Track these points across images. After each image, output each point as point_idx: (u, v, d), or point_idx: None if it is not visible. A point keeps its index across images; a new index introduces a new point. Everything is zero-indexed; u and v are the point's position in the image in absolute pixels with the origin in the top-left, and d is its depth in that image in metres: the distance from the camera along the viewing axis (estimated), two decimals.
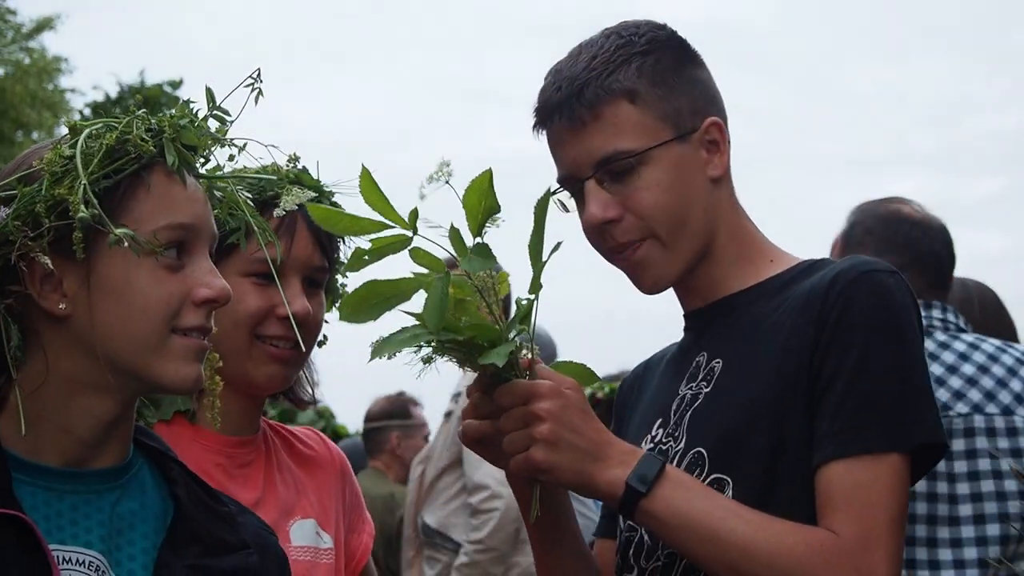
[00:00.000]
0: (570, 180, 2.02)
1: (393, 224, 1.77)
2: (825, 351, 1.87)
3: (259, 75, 1.69)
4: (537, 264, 1.83)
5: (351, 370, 2.21)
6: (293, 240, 2.19)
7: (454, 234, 1.79)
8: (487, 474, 4.69)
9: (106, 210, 1.60)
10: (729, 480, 1.91)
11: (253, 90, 1.70)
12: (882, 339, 1.87)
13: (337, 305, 1.79)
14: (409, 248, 1.78)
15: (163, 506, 1.73)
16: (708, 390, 2.00)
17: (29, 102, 20.49)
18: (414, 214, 1.76)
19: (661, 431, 2.05)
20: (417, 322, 1.78)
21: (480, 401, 1.90)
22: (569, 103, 1.99)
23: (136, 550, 1.68)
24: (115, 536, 1.66)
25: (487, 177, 1.79)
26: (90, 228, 1.59)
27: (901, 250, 3.05)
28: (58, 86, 22.12)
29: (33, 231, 1.59)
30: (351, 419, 9.60)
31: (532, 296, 1.84)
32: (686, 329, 2.13)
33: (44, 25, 21.65)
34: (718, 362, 2.00)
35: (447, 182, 1.77)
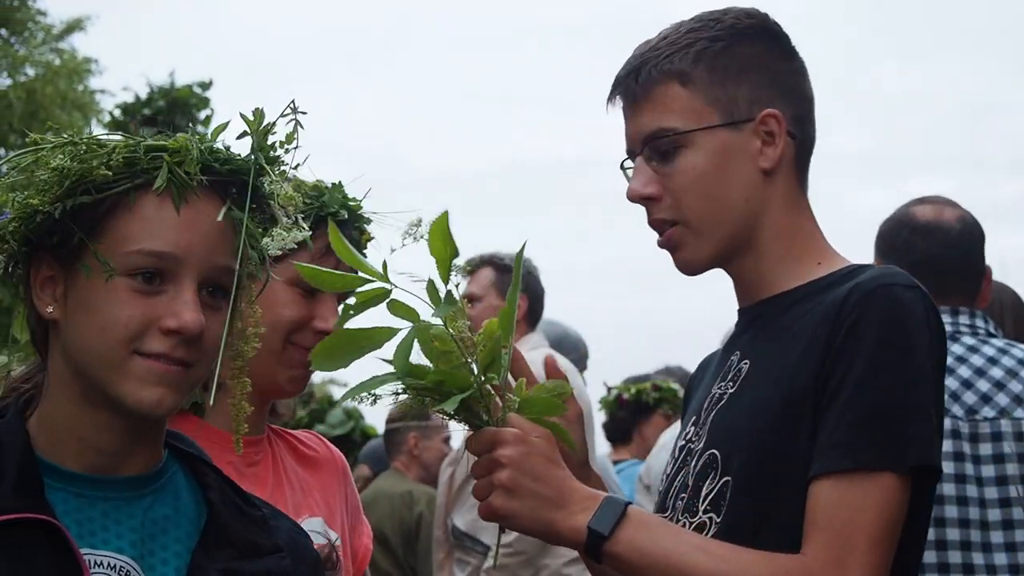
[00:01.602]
0: (629, 155, 2.06)
1: (372, 278, 1.82)
2: (833, 363, 1.86)
3: (296, 107, 1.66)
4: (509, 318, 1.87)
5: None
6: (338, 263, 2.22)
7: (431, 287, 1.83)
8: None
9: (85, 225, 1.60)
10: (731, 482, 1.91)
11: (289, 121, 1.67)
12: (888, 355, 1.84)
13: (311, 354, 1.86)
14: (387, 301, 1.83)
15: (197, 510, 1.74)
16: (733, 391, 2.00)
17: (59, 103, 20.59)
18: (385, 269, 1.81)
19: (692, 429, 2.06)
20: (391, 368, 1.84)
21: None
22: (628, 80, 2.03)
23: (169, 554, 1.68)
24: (147, 541, 1.67)
25: (444, 221, 1.82)
26: (74, 241, 1.60)
27: (899, 255, 3.01)
28: (88, 87, 22.22)
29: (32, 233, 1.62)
30: (380, 420, 9.65)
31: (505, 347, 1.86)
32: (735, 325, 2.13)
33: (74, 26, 21.77)
34: (746, 363, 2.00)
35: (422, 237, 1.84)
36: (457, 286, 1.84)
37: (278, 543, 1.76)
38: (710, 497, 1.94)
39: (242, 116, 1.67)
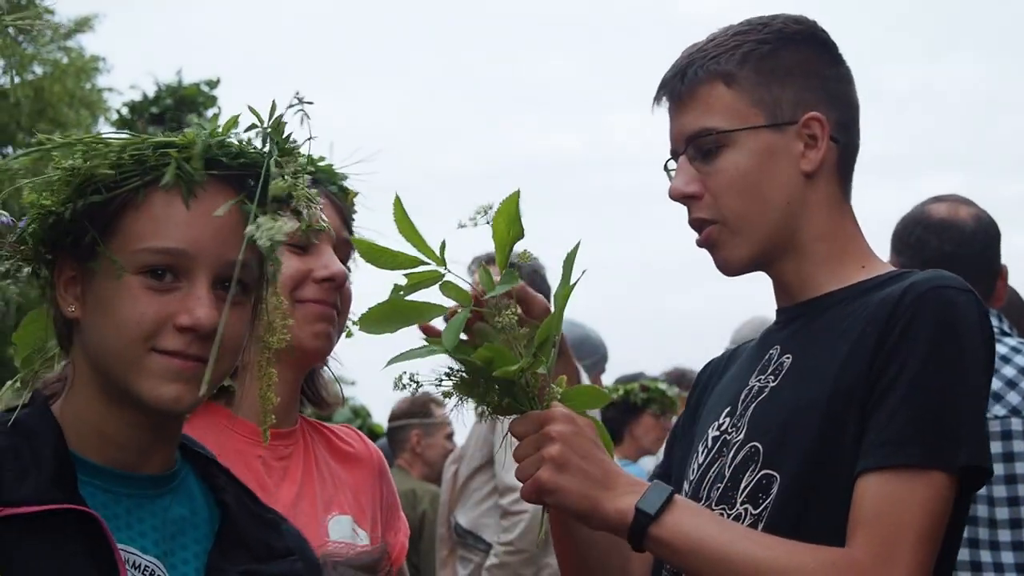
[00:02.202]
0: (673, 155, 2.07)
1: (427, 259, 1.84)
2: (884, 363, 1.85)
3: (302, 98, 1.65)
4: (559, 313, 1.88)
5: (389, 371, 2.25)
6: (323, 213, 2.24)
7: (483, 274, 1.86)
8: None
9: (98, 225, 1.61)
10: (777, 476, 1.91)
11: (297, 111, 1.65)
12: (941, 357, 1.84)
13: (359, 317, 1.86)
14: (440, 283, 1.86)
15: (210, 512, 1.74)
16: (774, 384, 2.00)
17: (67, 101, 20.61)
18: (443, 249, 1.83)
19: (728, 420, 2.06)
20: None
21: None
22: (674, 81, 2.05)
23: (189, 555, 1.69)
24: (169, 541, 1.67)
25: (514, 202, 1.85)
26: (86, 240, 1.61)
27: (913, 252, 3.04)
28: (96, 85, 22.24)
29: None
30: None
31: (556, 335, 1.88)
32: (774, 323, 2.13)
33: (82, 25, 21.78)
34: (788, 357, 2.01)
35: (488, 223, 1.85)
36: (516, 273, 1.87)
37: (289, 546, 1.77)
38: (748, 489, 1.94)
39: (250, 109, 1.66)
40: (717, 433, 2.06)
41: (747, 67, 2.01)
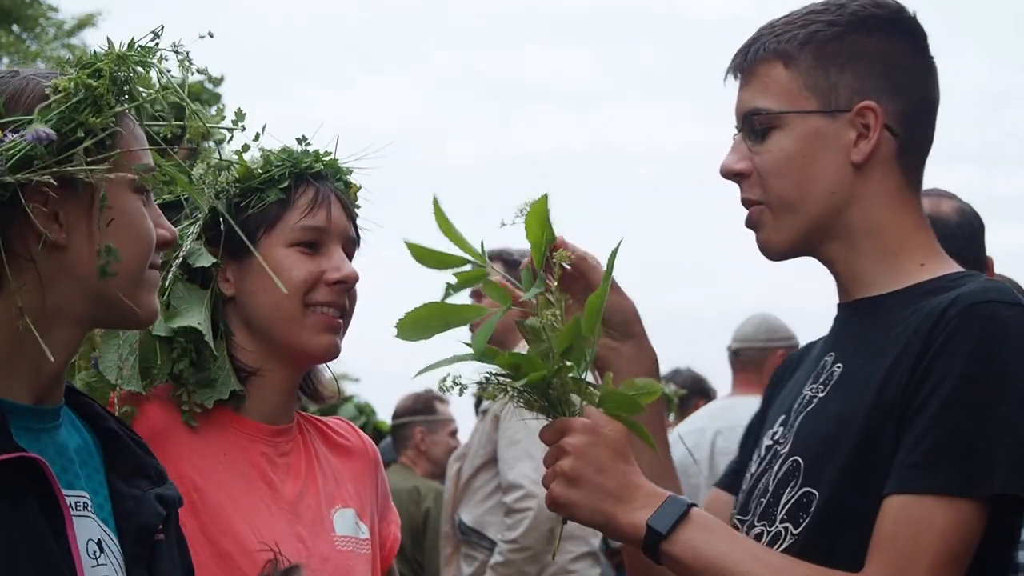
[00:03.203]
0: (737, 130, 2.03)
1: (471, 258, 1.85)
2: (922, 377, 1.78)
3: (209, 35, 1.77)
4: (596, 311, 1.86)
5: (394, 368, 2.27)
6: (331, 211, 2.26)
7: (527, 274, 1.87)
8: (521, 473, 4.71)
9: (106, 148, 1.65)
10: (816, 494, 1.86)
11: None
12: (979, 375, 1.76)
13: (395, 325, 1.86)
14: (483, 282, 1.87)
15: (92, 440, 1.73)
16: (822, 395, 1.94)
17: None
18: (482, 249, 1.84)
19: (780, 430, 2.01)
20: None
21: None
22: (739, 57, 2.02)
23: (96, 483, 1.68)
24: (78, 470, 1.66)
25: (543, 205, 1.85)
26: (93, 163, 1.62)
27: None
28: None
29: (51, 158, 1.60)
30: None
31: (593, 337, 1.85)
32: (834, 320, 2.07)
33: (85, 22, 21.79)
34: (839, 367, 1.94)
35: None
36: (557, 275, 1.87)
37: (166, 471, 1.79)
38: (788, 506, 1.90)
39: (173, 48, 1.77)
40: (770, 443, 2.01)
41: (808, 49, 1.95)
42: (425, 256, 1.86)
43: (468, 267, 1.87)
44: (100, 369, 2.14)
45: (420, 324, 1.84)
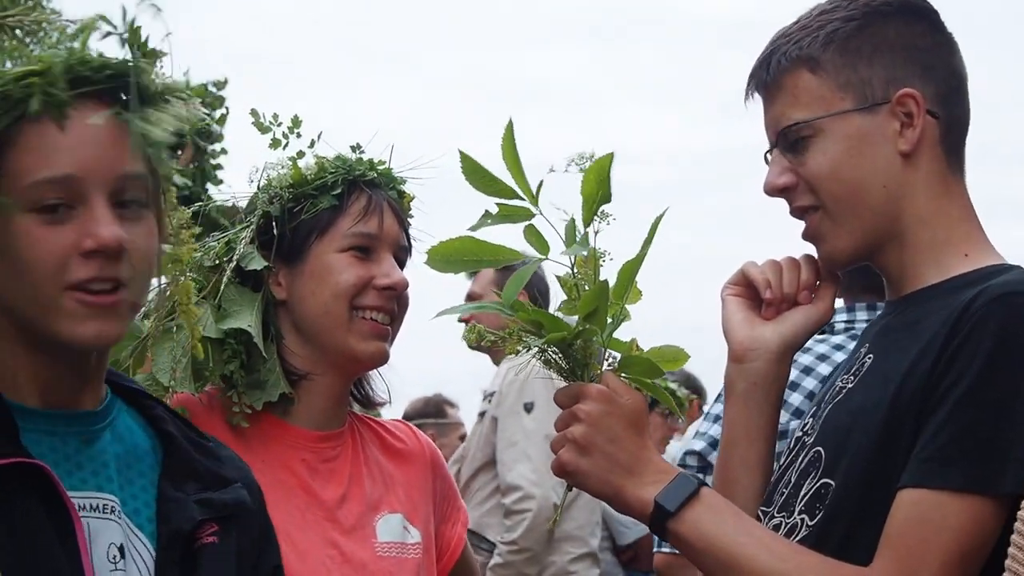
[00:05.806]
0: (770, 149, 1.98)
1: (523, 195, 1.79)
2: (943, 370, 1.74)
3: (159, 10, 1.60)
4: (629, 275, 1.84)
5: (404, 374, 2.28)
6: (383, 218, 2.29)
7: (570, 226, 1.81)
8: (520, 475, 4.70)
9: None
10: (833, 485, 1.83)
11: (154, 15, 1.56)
12: (1000, 369, 1.71)
13: (426, 252, 1.84)
14: (526, 224, 1.81)
15: (150, 443, 1.70)
16: (851, 386, 1.91)
17: None
18: (538, 191, 1.79)
19: (811, 420, 1.97)
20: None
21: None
22: (760, 71, 1.96)
23: (137, 488, 1.66)
24: (118, 475, 1.64)
25: (607, 161, 1.80)
26: None
27: None
28: None
29: None
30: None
31: (624, 304, 1.83)
32: (877, 317, 2.04)
33: (89, 26, 21.77)
34: (870, 357, 1.91)
35: (581, 170, 1.81)
36: (597, 233, 1.83)
37: (232, 474, 1.74)
38: (806, 498, 1.86)
39: (102, 17, 1.62)
40: (800, 433, 1.98)
41: (831, 49, 1.90)
42: (476, 173, 1.80)
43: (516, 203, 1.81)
44: (153, 372, 2.16)
45: (452, 257, 1.79)
